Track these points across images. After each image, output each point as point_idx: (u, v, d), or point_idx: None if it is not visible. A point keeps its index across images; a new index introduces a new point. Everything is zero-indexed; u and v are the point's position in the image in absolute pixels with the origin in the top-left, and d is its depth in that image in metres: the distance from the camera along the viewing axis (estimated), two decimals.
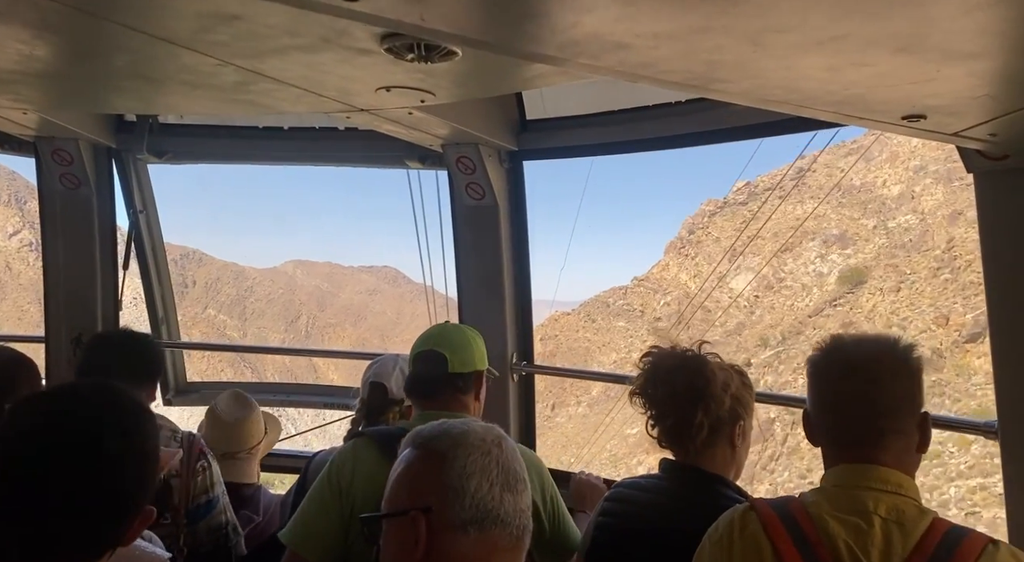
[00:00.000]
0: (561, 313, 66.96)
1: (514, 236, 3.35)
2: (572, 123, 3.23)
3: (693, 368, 1.90)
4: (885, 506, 1.33)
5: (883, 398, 1.43)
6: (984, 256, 2.17)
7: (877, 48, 1.15)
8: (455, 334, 2.21)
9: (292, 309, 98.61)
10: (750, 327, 57.95)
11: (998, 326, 2.13)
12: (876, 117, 1.62)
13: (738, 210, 64.11)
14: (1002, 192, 2.08)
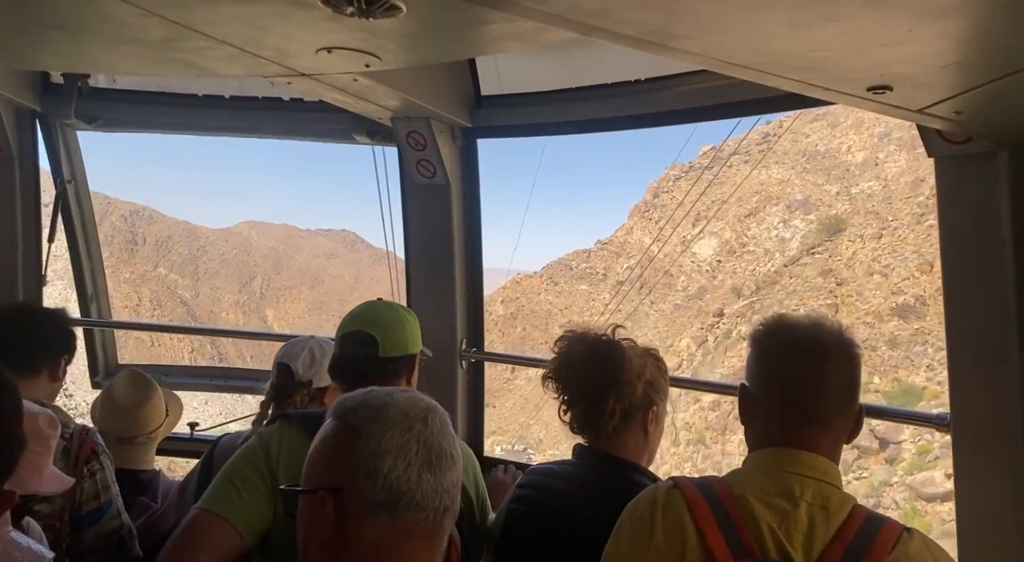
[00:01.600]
0: (523, 276, 67.17)
1: (467, 217, 3.26)
2: (529, 100, 3.14)
3: (606, 354, 1.91)
4: (811, 491, 1.35)
5: (838, 380, 1.44)
6: (942, 242, 2.18)
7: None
8: (387, 313, 2.10)
9: (247, 270, 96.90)
10: (712, 291, 58.97)
11: (953, 319, 2.15)
12: (841, 88, 1.57)
13: (704, 175, 64.49)
14: (962, 177, 2.09)
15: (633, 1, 1.20)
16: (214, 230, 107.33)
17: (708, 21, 1.26)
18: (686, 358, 54.16)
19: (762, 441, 1.47)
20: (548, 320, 62.58)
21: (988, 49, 1.31)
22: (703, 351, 53.01)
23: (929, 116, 1.70)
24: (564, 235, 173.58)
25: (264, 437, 1.86)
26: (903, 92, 1.54)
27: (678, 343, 55.63)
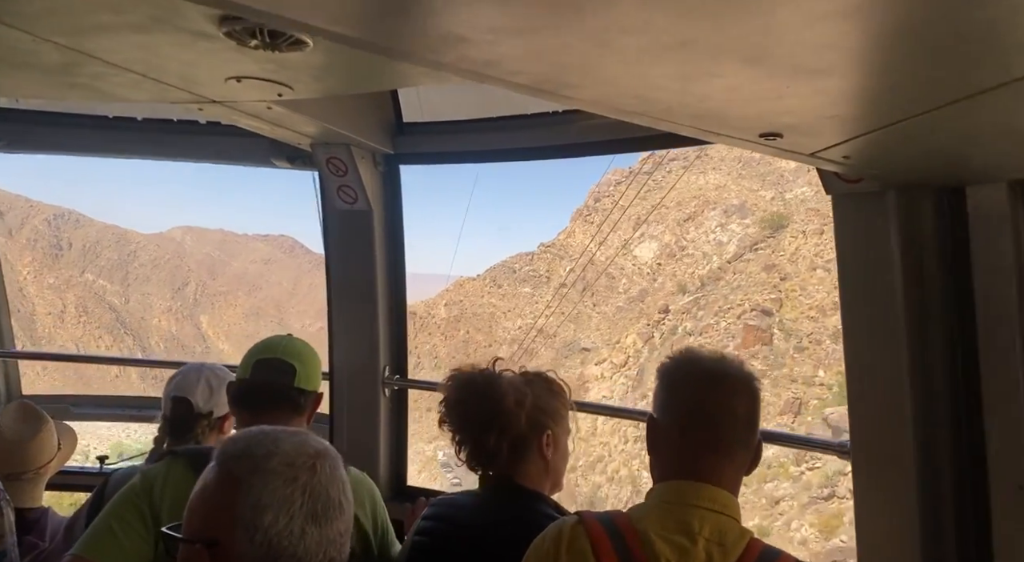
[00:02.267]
0: (466, 279, 67.05)
1: (389, 243, 3.24)
2: (451, 128, 3.14)
3: (481, 391, 1.90)
4: (709, 526, 1.40)
5: (742, 411, 1.51)
6: (840, 278, 2.27)
7: (727, 57, 1.14)
8: (303, 347, 2.10)
9: (180, 276, 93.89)
10: (652, 293, 60.00)
11: (852, 343, 2.25)
12: (735, 134, 1.63)
13: (643, 179, 65.66)
14: (857, 215, 2.18)
15: (520, 53, 1.22)
16: (146, 235, 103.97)
17: (595, 73, 1.29)
18: (632, 355, 54.83)
19: (668, 472, 1.52)
20: (492, 323, 62.62)
21: (863, 105, 1.38)
22: (649, 347, 53.75)
23: (821, 160, 1.78)
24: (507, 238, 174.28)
25: (148, 476, 1.81)
26: (793, 139, 1.61)
27: (624, 340, 56.26)
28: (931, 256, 2.06)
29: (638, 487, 46.55)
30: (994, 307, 1.97)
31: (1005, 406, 1.96)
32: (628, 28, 1.07)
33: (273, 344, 2.08)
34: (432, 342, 62.31)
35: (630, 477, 47.68)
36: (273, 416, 1.96)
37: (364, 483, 2.03)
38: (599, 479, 49.19)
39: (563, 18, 1.03)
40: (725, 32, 1.06)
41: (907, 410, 2.09)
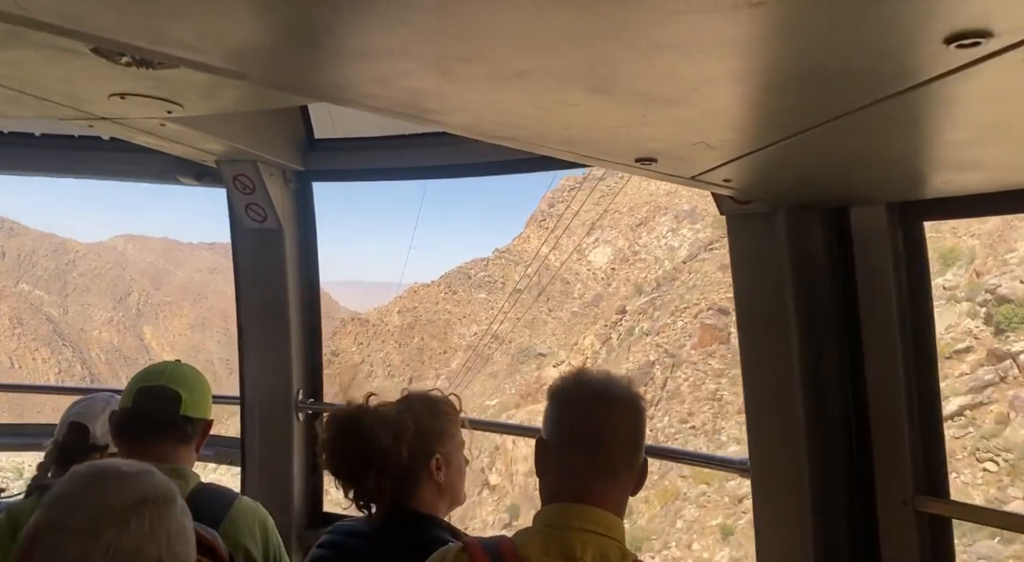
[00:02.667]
0: (420, 285, 66.65)
1: (302, 262, 3.18)
2: (364, 144, 3.10)
3: (353, 433, 1.84)
4: (592, 550, 1.40)
5: (626, 432, 1.51)
6: (736, 296, 2.31)
7: (573, 86, 1.14)
8: (191, 374, 2.04)
9: (122, 285, 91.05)
10: (607, 298, 60.61)
11: (749, 363, 2.29)
12: (611, 159, 1.64)
13: (596, 185, 66.32)
14: (749, 235, 2.23)
15: (373, 78, 1.20)
16: (86, 244, 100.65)
17: (450, 99, 1.28)
18: (590, 356, 55.08)
19: (555, 494, 1.52)
20: (447, 329, 62.30)
21: (723, 132, 1.39)
22: (607, 348, 54.08)
23: (704, 183, 1.80)
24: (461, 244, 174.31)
25: (14, 512, 1.73)
26: (668, 163, 1.63)
27: (583, 341, 56.47)
28: (820, 274, 2.11)
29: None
30: (877, 326, 2.03)
31: (889, 423, 2.02)
32: (465, 57, 1.06)
33: (157, 371, 2.02)
34: (385, 350, 61.66)
35: None
36: (157, 447, 1.90)
37: (255, 512, 1.98)
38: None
39: (406, 42, 1.02)
40: (562, 63, 1.06)
41: (801, 428, 2.13)
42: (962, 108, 1.19)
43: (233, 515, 1.89)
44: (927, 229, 2.03)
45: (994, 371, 26.91)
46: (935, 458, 1.99)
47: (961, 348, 28.92)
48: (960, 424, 26.62)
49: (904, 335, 2.01)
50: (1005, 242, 31.89)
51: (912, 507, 1.97)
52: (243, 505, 1.95)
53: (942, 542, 1.97)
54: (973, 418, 26.62)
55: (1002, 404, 26.12)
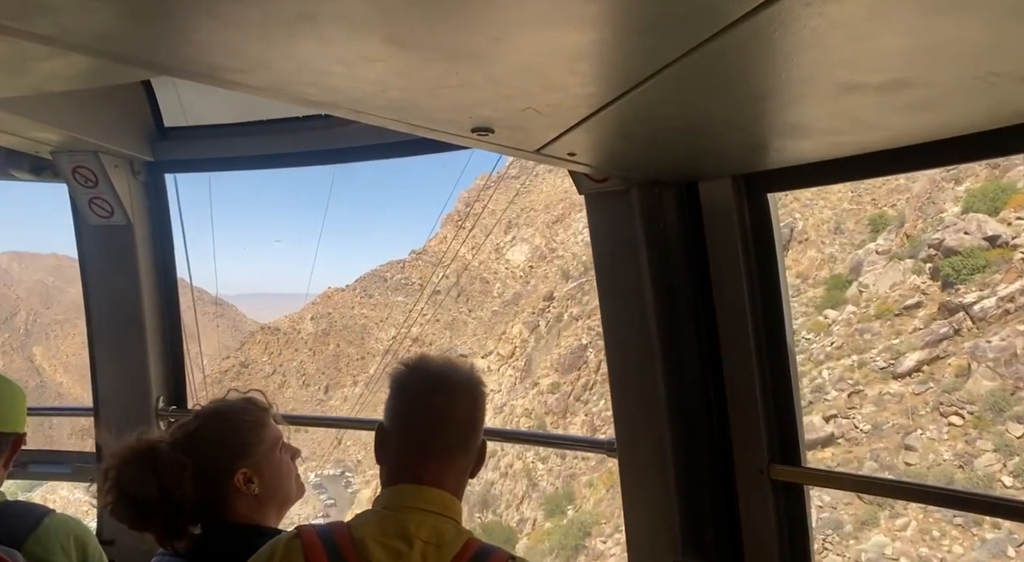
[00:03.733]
0: (334, 289, 65.29)
1: (157, 259, 2.98)
2: (218, 132, 2.94)
3: (139, 479, 1.64)
4: (427, 529, 1.43)
5: (460, 414, 1.54)
6: (597, 274, 2.31)
7: (367, 35, 1.07)
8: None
9: (7, 305, 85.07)
10: (526, 296, 61.01)
11: (611, 343, 2.29)
12: (447, 129, 1.58)
13: (511, 183, 66.66)
14: (606, 212, 2.24)
15: (149, 32, 1.10)
16: None
17: (247, 56, 1.18)
18: (519, 345, 55.08)
19: (393, 477, 1.53)
20: (364, 335, 61.22)
21: (547, 97, 1.36)
22: (536, 336, 54.24)
23: (551, 157, 1.78)
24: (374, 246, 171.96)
25: None
26: (506, 134, 1.59)
27: (511, 330, 56.37)
28: (674, 249, 2.13)
29: (534, 480, 45.41)
30: (728, 299, 2.07)
31: (744, 395, 2.06)
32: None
33: None
34: (299, 358, 59.94)
35: (524, 470, 47.00)
36: None
37: (68, 529, 1.85)
38: (492, 476, 48.36)
39: None
40: (346, 5, 0.99)
41: (663, 405, 2.15)
42: (770, 61, 1.20)
43: (40, 533, 1.77)
44: (852, 201, 2.07)
45: (948, 324, 27.42)
46: (789, 427, 2.04)
47: (911, 304, 29.69)
48: (919, 380, 27.05)
49: (754, 306, 2.05)
50: (935, 204, 33.71)
51: (768, 476, 2.01)
52: (54, 522, 1.83)
53: (796, 508, 2.02)
54: (932, 373, 26.98)
55: (960, 357, 26.49)
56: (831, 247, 40.97)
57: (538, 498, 44.02)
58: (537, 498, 44.11)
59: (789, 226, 41.27)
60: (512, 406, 50.44)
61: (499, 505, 46.60)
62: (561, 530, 37.62)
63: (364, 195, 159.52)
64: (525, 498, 44.98)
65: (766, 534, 2.03)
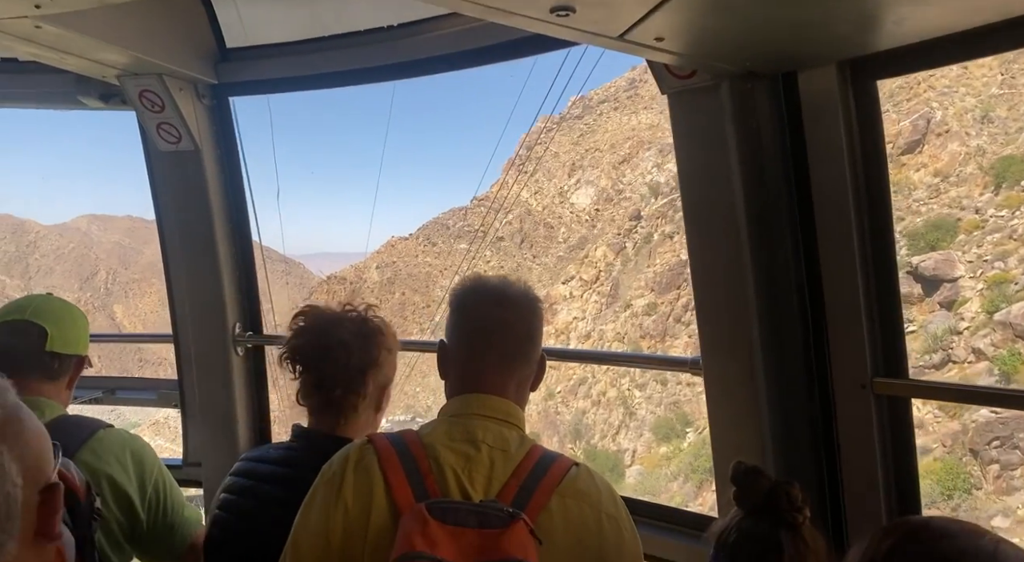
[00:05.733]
0: (398, 238, 66.23)
1: (227, 184, 3.02)
2: (280, 51, 2.91)
3: (352, 331, 1.93)
4: (492, 435, 1.50)
5: (521, 327, 1.62)
6: (681, 180, 2.21)
7: None
8: (60, 307, 1.99)
9: (88, 265, 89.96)
10: (592, 241, 60.40)
11: (697, 253, 2.19)
12: (524, 11, 1.51)
13: (574, 124, 65.47)
14: (692, 111, 2.11)
15: None
16: (47, 226, 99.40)
17: None
18: (604, 269, 54.10)
19: (457, 389, 1.61)
20: (428, 283, 62.23)
21: None
22: (622, 259, 53.15)
23: (634, 45, 1.67)
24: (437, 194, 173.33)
25: None
26: (588, 14, 1.49)
27: (594, 253, 55.45)
28: (768, 149, 2.00)
29: (631, 408, 43.83)
30: (830, 199, 1.94)
31: (845, 302, 1.94)
32: None
33: (22, 305, 1.94)
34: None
35: (620, 399, 45.17)
36: (19, 384, 1.83)
37: (125, 442, 1.93)
38: (583, 404, 46.94)
39: None
40: None
41: (753, 316, 2.06)
42: None
43: (93, 444, 1.84)
44: (1004, 85, 1.90)
45: None
46: (893, 338, 1.92)
47: None
48: None
49: (859, 209, 1.91)
50: None
51: (871, 390, 1.91)
52: (109, 434, 1.90)
53: (902, 423, 1.92)
54: None
55: None
56: (978, 139, 37.82)
57: (637, 427, 42.55)
58: (636, 427, 42.69)
59: (925, 117, 38.33)
60: (601, 332, 48.65)
61: (592, 435, 44.90)
62: (688, 452, 36.48)
63: (423, 142, 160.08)
64: (622, 427, 43.83)
65: (867, 452, 1.94)
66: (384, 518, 1.39)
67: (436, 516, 1.32)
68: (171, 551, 2.01)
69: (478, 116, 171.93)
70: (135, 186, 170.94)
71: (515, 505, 1.37)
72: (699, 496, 32.48)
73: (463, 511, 1.35)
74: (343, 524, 1.41)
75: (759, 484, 1.32)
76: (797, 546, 1.26)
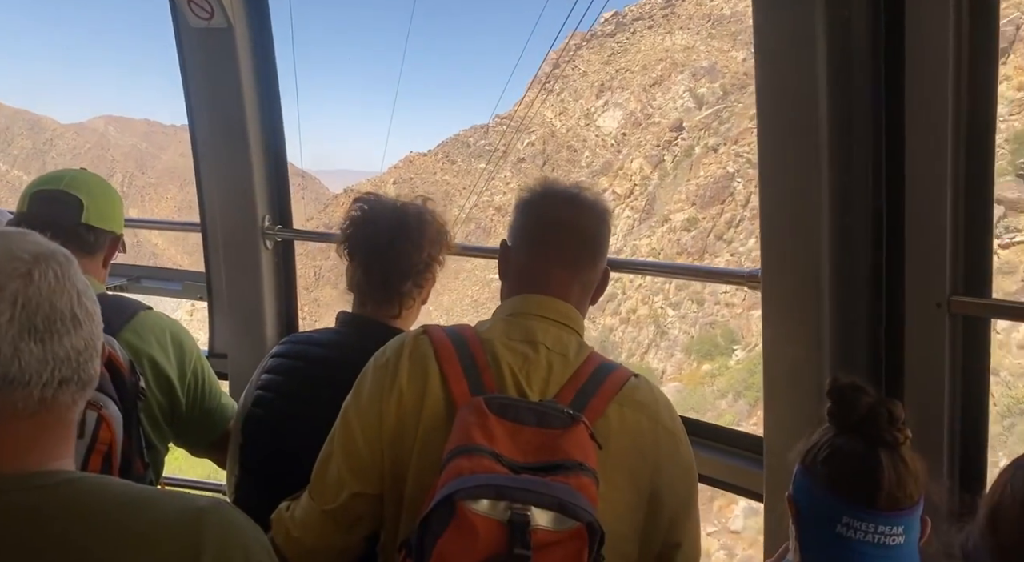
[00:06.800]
0: (416, 154, 65.59)
1: (259, 68, 2.89)
2: None
3: (418, 223, 1.92)
4: (552, 338, 1.48)
5: (590, 230, 1.61)
6: (758, 79, 2.05)
7: None
8: (96, 181, 1.95)
9: (104, 166, 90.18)
10: (615, 165, 59.40)
11: (767, 157, 2.06)
12: None
13: (606, 42, 63.46)
14: (778, 13, 1.94)
15: None
16: (64, 125, 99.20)
17: None
18: (639, 183, 52.55)
19: (517, 288, 1.58)
20: (447, 201, 61.93)
21: None
22: (660, 173, 51.49)
23: None
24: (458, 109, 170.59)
25: None
26: None
27: (629, 165, 53.90)
28: (859, 45, 1.84)
29: (663, 327, 42.35)
30: (926, 103, 1.79)
31: (929, 216, 1.82)
32: None
33: (57, 176, 1.90)
34: None
35: (652, 316, 43.45)
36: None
37: (166, 326, 1.91)
38: (611, 321, 45.93)
39: None
40: None
41: (824, 226, 1.94)
42: None
43: (135, 324, 1.82)
44: None
45: None
46: (979, 254, 1.81)
47: None
48: None
49: (958, 114, 1.76)
50: None
51: (947, 308, 1.81)
52: (151, 316, 1.88)
53: (980, 345, 1.83)
54: None
55: None
56: None
57: (668, 347, 41.40)
58: (667, 347, 41.62)
59: (1015, 23, 35.34)
60: (635, 247, 47.14)
61: (619, 354, 42.87)
62: (739, 369, 35.77)
63: (445, 53, 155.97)
64: (651, 347, 43.15)
65: (935, 377, 1.86)
66: (438, 409, 1.38)
67: (495, 411, 1.30)
68: (207, 437, 2.03)
69: (507, 26, 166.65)
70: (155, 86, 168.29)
71: (573, 409, 1.35)
72: (752, 415, 32.32)
73: (523, 408, 1.32)
74: (396, 410, 1.40)
75: (861, 401, 1.25)
76: (896, 466, 1.20)
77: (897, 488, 1.19)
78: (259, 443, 1.82)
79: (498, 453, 1.24)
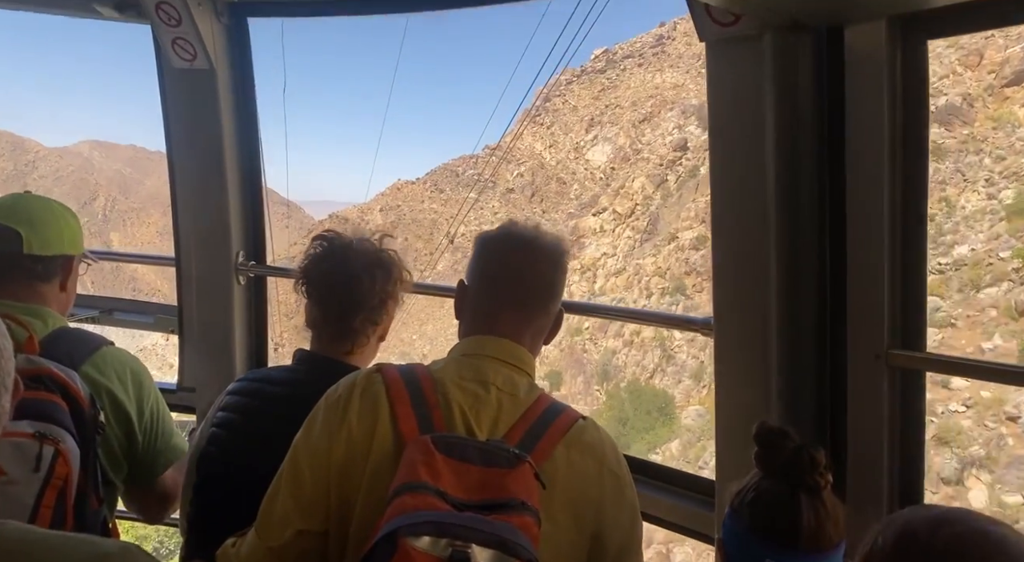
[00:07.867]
0: (404, 182, 65.84)
1: (239, 109, 2.99)
2: None
3: (374, 260, 1.96)
4: (502, 378, 1.50)
5: (544, 277, 1.63)
6: (711, 132, 2.19)
7: None
8: (37, 208, 1.92)
9: (87, 190, 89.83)
10: (606, 198, 59.85)
11: (719, 209, 2.19)
12: None
13: (596, 78, 64.40)
14: (730, 62, 2.08)
15: None
16: (48, 148, 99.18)
17: None
18: (641, 202, 51.72)
19: (471, 329, 1.62)
20: (433, 230, 62.09)
21: None
22: (663, 192, 50.84)
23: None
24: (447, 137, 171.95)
25: None
26: None
27: (631, 185, 53.16)
28: (805, 106, 1.96)
29: (669, 352, 41.61)
30: (864, 163, 1.91)
31: (868, 271, 1.93)
32: None
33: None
34: None
35: (657, 339, 42.78)
36: (9, 288, 1.85)
37: (126, 362, 1.95)
38: (613, 343, 45.06)
39: None
40: None
41: (772, 281, 2.05)
42: None
43: (97, 359, 1.86)
44: None
45: None
46: (914, 309, 1.92)
47: None
48: None
49: (894, 176, 1.89)
50: None
51: (885, 361, 1.91)
52: (112, 352, 1.92)
53: (914, 396, 1.93)
54: None
55: None
56: None
57: (675, 372, 39.99)
58: (674, 372, 40.40)
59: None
60: (638, 267, 46.46)
61: (622, 379, 42.93)
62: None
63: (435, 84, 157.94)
64: (657, 371, 42.08)
65: (875, 424, 1.95)
66: (387, 447, 1.39)
67: (441, 449, 1.32)
68: (152, 475, 2.04)
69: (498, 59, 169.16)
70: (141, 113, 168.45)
71: (521, 449, 1.38)
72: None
73: (469, 447, 1.35)
74: (345, 447, 1.42)
75: (784, 445, 1.31)
76: (816, 510, 1.26)
77: (818, 530, 1.25)
78: (213, 480, 1.84)
79: (443, 491, 1.27)
